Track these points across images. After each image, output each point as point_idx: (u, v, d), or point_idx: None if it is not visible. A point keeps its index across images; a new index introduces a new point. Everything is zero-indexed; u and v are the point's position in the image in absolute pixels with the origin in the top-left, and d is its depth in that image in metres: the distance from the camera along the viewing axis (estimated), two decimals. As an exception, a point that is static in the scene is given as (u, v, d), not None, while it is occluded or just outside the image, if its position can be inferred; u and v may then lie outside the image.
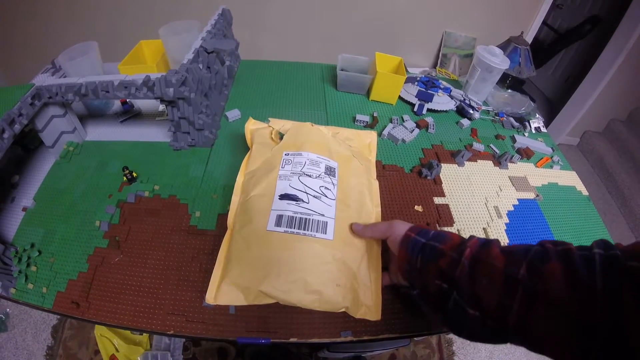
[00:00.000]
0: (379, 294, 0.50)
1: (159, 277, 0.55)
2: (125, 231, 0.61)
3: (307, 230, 0.49)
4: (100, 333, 1.19)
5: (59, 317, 1.34)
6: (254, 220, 0.50)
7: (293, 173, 0.55)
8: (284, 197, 0.52)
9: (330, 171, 0.56)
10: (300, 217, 0.49)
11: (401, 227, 0.48)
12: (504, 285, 0.35)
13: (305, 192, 0.52)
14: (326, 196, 0.53)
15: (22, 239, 0.60)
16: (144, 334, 1.21)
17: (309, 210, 0.50)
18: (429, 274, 0.43)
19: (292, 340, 0.51)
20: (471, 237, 0.44)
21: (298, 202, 0.51)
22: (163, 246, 0.59)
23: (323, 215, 0.51)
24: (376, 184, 0.62)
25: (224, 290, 0.47)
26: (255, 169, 0.59)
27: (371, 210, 0.57)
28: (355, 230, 0.51)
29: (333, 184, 0.55)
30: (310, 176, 0.54)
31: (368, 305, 0.49)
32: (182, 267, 0.56)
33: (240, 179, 0.59)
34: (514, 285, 0.35)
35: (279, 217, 0.50)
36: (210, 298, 0.47)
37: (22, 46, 1.80)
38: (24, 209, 0.65)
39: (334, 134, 0.65)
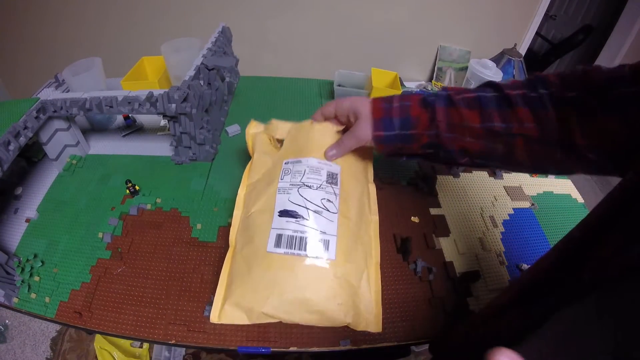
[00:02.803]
0: (379, 306, 0.50)
1: (161, 287, 0.56)
2: (127, 243, 0.62)
3: (308, 250, 0.46)
4: (100, 346, 1.19)
5: (58, 329, 1.34)
6: (255, 240, 0.49)
7: (292, 185, 0.51)
8: (283, 213, 0.49)
9: (332, 178, 0.53)
10: (301, 237, 0.47)
11: (365, 129, 0.51)
12: (486, 136, 0.45)
13: (306, 207, 0.49)
14: (328, 210, 0.50)
15: (25, 250, 0.62)
16: (144, 348, 1.21)
17: (309, 228, 0.48)
18: (413, 149, 0.50)
19: (291, 349, 0.51)
20: (428, 100, 0.49)
21: (298, 220, 0.48)
22: (165, 258, 0.60)
23: (325, 233, 0.48)
24: (373, 188, 0.60)
25: (227, 311, 0.48)
26: (256, 181, 0.56)
27: (369, 219, 0.56)
28: (330, 157, 0.54)
29: (335, 195, 0.51)
30: (310, 187, 0.51)
31: (369, 318, 0.49)
32: (184, 278, 0.57)
33: (242, 190, 0.56)
34: (494, 134, 0.44)
35: (279, 237, 0.47)
36: (215, 317, 0.48)
37: (25, 60, 1.83)
38: (27, 220, 0.66)
39: (337, 132, 0.59)
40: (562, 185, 0.83)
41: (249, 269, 0.48)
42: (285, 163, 0.54)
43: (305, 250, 0.46)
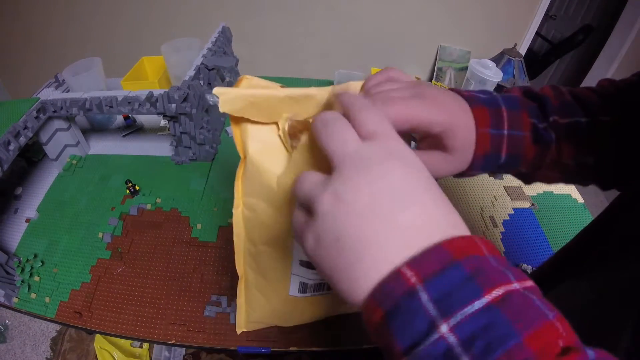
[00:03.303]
0: None
1: (161, 287, 0.56)
2: (127, 243, 0.62)
3: None
4: (100, 346, 1.18)
5: (58, 329, 1.34)
6: (269, 278, 0.42)
7: None
8: (307, 265, 0.39)
9: None
10: None
11: (460, 163, 0.32)
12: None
13: None
14: None
15: (25, 250, 0.62)
16: (144, 348, 1.21)
17: None
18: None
19: (291, 349, 0.51)
20: (543, 137, 0.33)
21: None
22: (165, 258, 0.60)
23: None
24: None
25: (251, 325, 0.51)
26: (255, 204, 0.37)
27: None
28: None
29: None
30: None
31: None
32: (184, 278, 0.57)
33: (237, 209, 0.39)
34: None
35: (304, 285, 0.42)
36: (239, 329, 0.51)
37: (25, 60, 1.83)
38: (27, 220, 0.66)
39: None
40: (562, 186, 0.83)
41: (268, 301, 0.45)
42: None
43: None
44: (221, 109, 0.30)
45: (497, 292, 0.16)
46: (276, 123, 0.33)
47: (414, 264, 0.18)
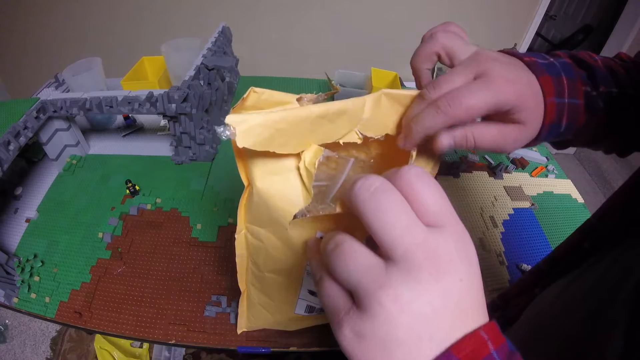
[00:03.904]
0: None
1: (161, 287, 0.56)
2: (127, 243, 0.62)
3: None
4: (100, 346, 1.18)
5: (58, 329, 1.34)
6: (275, 299, 0.41)
7: None
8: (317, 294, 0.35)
9: None
10: None
11: (529, 134, 0.31)
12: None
13: None
14: None
15: (25, 250, 0.61)
16: (144, 348, 1.21)
17: None
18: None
19: (291, 349, 0.51)
20: (595, 104, 0.32)
21: None
22: (165, 258, 0.60)
23: None
24: None
25: (254, 327, 0.51)
26: (261, 235, 0.33)
27: None
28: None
29: None
30: None
31: None
32: (184, 278, 0.57)
33: (241, 232, 0.36)
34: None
35: (311, 307, 0.41)
36: (240, 330, 0.51)
37: (25, 60, 1.83)
38: (27, 220, 0.66)
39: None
40: (562, 185, 0.83)
41: (272, 315, 0.44)
42: (320, 236, 0.31)
43: None
44: (240, 144, 0.22)
45: None
46: (299, 155, 0.26)
47: None
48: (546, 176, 0.85)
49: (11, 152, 0.58)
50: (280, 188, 0.27)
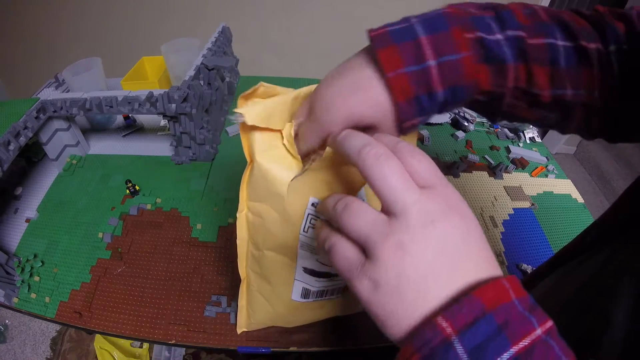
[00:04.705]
0: None
1: (161, 287, 0.56)
2: (127, 243, 0.62)
3: (344, 294, 0.44)
4: (100, 346, 1.18)
5: (58, 329, 1.34)
6: (273, 282, 0.42)
7: None
8: (312, 273, 0.39)
9: None
10: (336, 288, 0.42)
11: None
12: (549, 105, 0.31)
13: None
14: None
15: (25, 250, 0.62)
16: (144, 348, 1.21)
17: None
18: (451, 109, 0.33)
19: (291, 349, 0.51)
20: (493, 52, 0.28)
21: (332, 279, 0.40)
22: (165, 258, 0.60)
23: None
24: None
25: (253, 325, 0.51)
26: (261, 210, 0.37)
27: None
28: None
29: None
30: None
31: None
32: (184, 278, 0.57)
33: (242, 212, 0.39)
34: (560, 103, 0.31)
35: (306, 290, 0.42)
36: (240, 330, 0.51)
37: (25, 60, 1.83)
38: (27, 220, 0.66)
39: None
40: (562, 185, 0.83)
41: (271, 305, 0.45)
42: (312, 204, 0.34)
43: (340, 294, 0.44)
44: (249, 122, 0.31)
45: (524, 343, 0.18)
46: (287, 136, 0.32)
47: (449, 315, 0.19)
48: (546, 176, 0.85)
49: (11, 152, 0.58)
50: (275, 159, 0.33)
